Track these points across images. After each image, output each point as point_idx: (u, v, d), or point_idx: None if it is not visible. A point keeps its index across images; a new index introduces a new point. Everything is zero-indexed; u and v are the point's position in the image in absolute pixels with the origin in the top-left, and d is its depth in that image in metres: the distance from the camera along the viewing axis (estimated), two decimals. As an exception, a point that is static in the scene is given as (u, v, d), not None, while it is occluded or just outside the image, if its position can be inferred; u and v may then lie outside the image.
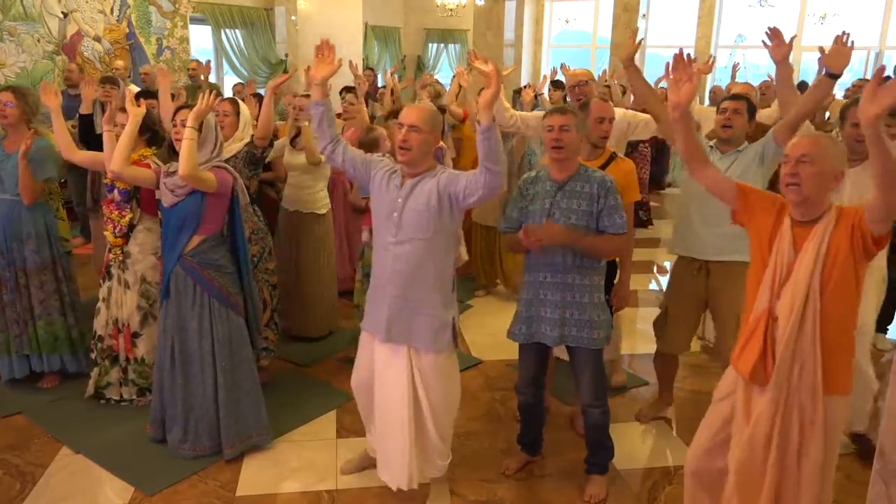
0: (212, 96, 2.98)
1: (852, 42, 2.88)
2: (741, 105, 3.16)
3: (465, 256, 4.22)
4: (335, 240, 4.57)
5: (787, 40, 2.87)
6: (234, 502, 2.88)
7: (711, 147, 3.22)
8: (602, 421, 2.92)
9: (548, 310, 2.75)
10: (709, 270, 3.21)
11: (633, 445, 3.39)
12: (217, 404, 3.07)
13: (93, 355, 3.55)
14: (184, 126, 2.94)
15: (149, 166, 3.24)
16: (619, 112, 3.63)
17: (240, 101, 3.79)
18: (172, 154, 3.17)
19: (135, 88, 6.27)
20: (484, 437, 3.43)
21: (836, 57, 2.87)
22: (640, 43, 2.36)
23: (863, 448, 3.24)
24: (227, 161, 3.48)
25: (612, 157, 3.24)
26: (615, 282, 3.29)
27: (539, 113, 3.89)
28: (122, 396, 3.54)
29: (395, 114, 4.44)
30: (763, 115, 5.28)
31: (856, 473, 3.08)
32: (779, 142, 2.95)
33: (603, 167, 3.11)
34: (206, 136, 3.01)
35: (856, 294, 2.10)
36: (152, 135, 3.42)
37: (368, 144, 3.69)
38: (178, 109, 3.13)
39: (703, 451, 2.37)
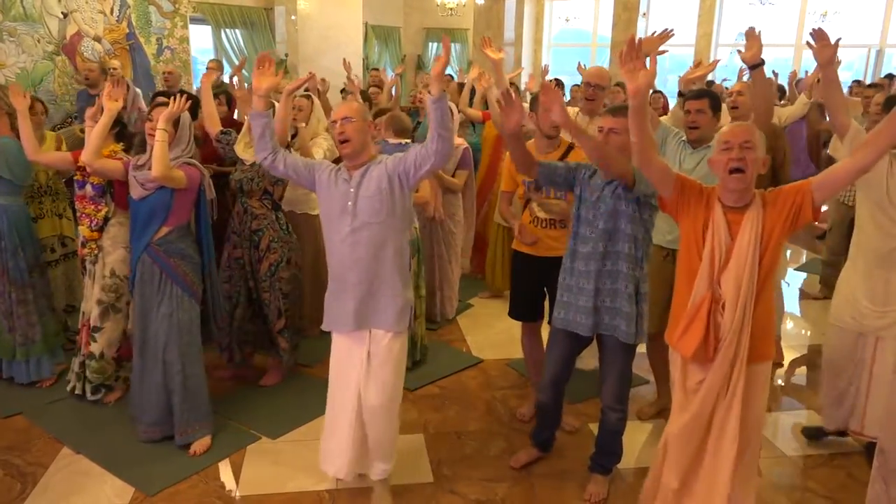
0: (181, 100, 3.06)
1: (759, 32, 3.05)
2: (703, 104, 3.23)
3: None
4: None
5: (832, 41, 2.80)
6: (234, 502, 2.88)
7: (684, 142, 3.32)
8: (618, 427, 2.92)
9: (581, 297, 2.76)
10: (674, 257, 3.27)
11: (634, 444, 3.38)
12: (168, 389, 3.15)
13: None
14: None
15: (118, 158, 3.30)
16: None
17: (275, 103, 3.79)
18: (144, 148, 3.23)
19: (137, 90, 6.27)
20: (484, 436, 3.43)
21: (746, 52, 3.07)
22: (638, 40, 2.35)
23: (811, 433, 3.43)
24: (251, 165, 3.56)
25: (570, 147, 3.25)
26: None
27: None
28: (77, 391, 3.57)
29: (386, 112, 4.43)
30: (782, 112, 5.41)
31: (857, 472, 3.08)
32: None
33: (562, 158, 3.14)
34: (181, 136, 3.12)
35: (777, 267, 2.29)
36: (120, 130, 3.48)
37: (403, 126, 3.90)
38: (152, 107, 3.22)
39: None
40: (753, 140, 2.21)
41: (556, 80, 7.81)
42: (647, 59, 2.27)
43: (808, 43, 2.89)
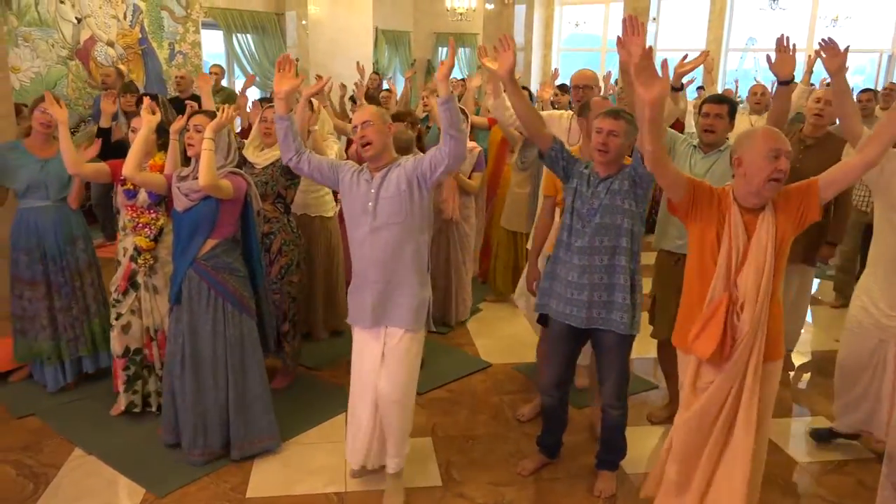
0: (230, 110, 3.05)
1: (794, 46, 2.98)
2: (723, 109, 3.23)
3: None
4: (344, 241, 4.60)
5: (841, 49, 2.80)
6: (243, 504, 2.90)
7: (694, 147, 3.32)
8: (620, 422, 2.97)
9: (574, 291, 2.78)
10: (684, 262, 3.28)
11: (644, 449, 3.38)
12: (227, 407, 3.09)
13: (128, 373, 3.43)
14: (197, 132, 2.99)
15: (161, 172, 3.27)
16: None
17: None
18: (185, 159, 3.20)
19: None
20: (492, 439, 3.44)
21: (780, 65, 2.98)
22: (650, 49, 2.34)
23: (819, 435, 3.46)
24: (264, 169, 3.53)
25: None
26: None
27: (544, 113, 3.90)
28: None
29: (405, 116, 4.45)
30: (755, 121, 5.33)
31: (867, 479, 3.06)
32: None
33: None
34: (219, 144, 3.04)
35: (784, 266, 2.30)
36: (165, 140, 3.42)
37: (405, 144, 3.78)
38: (191, 115, 3.17)
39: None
40: (790, 151, 2.26)
41: (564, 85, 7.80)
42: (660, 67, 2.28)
43: (817, 51, 2.90)
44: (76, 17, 7.98)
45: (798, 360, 4.47)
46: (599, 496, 2.97)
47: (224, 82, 8.01)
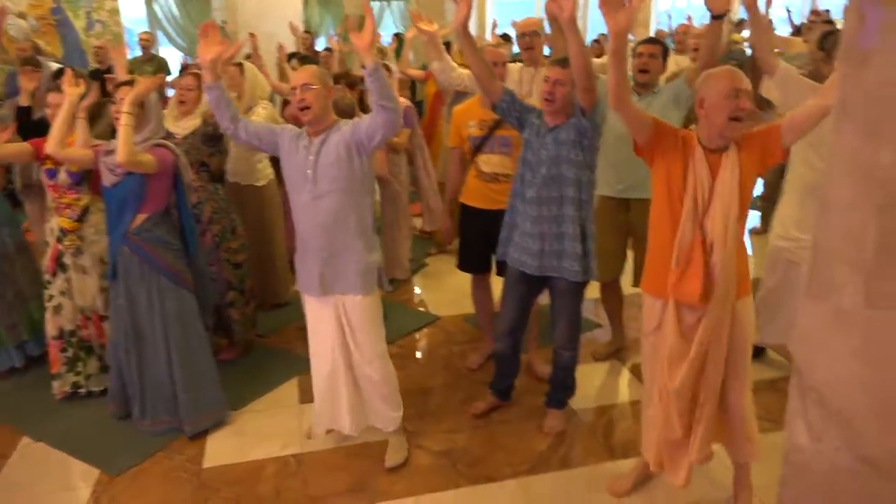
0: (150, 81, 2.94)
1: None
2: (657, 49, 3.28)
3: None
4: (282, 212, 4.52)
5: None
6: (201, 474, 2.91)
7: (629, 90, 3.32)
8: (571, 364, 3.08)
9: (528, 240, 2.84)
10: (629, 207, 3.41)
11: (590, 385, 3.51)
12: (173, 381, 3.07)
13: (67, 355, 3.37)
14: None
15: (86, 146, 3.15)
16: None
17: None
18: (113, 132, 3.10)
19: (53, 66, 5.97)
20: (444, 390, 3.51)
21: None
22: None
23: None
24: (184, 138, 3.44)
25: None
26: None
27: None
28: (104, 386, 3.44)
29: (341, 77, 4.37)
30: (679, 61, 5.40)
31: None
32: (692, 85, 3.05)
33: None
34: (147, 116, 2.96)
35: (749, 206, 2.35)
36: (93, 115, 3.30)
37: (346, 108, 3.70)
38: (117, 86, 3.06)
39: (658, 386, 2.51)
40: (750, 89, 2.24)
41: (506, 34, 7.74)
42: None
43: None
44: (-21, -11, 7.49)
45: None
46: (549, 433, 3.09)
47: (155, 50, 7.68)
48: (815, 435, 1.39)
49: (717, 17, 3.00)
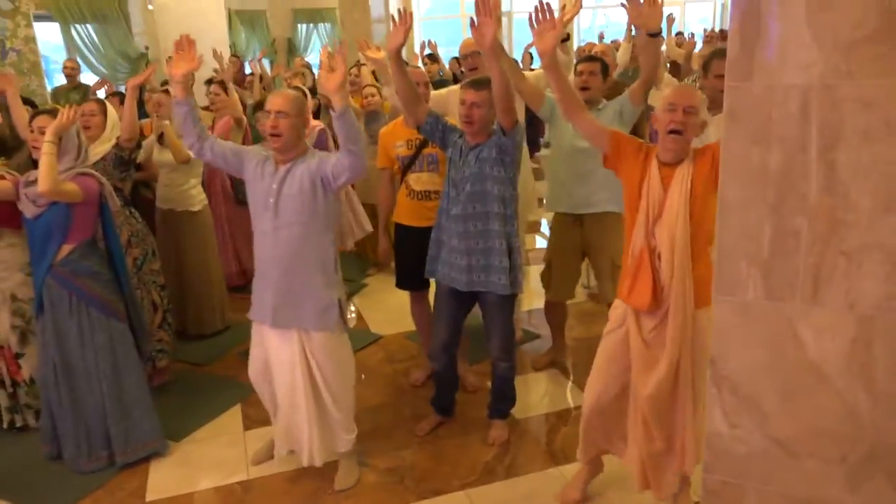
0: (72, 111, 2.90)
1: None
2: (596, 66, 3.38)
3: (368, 227, 4.26)
4: (218, 236, 4.49)
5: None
6: (143, 509, 2.85)
7: None
8: (509, 374, 3.15)
9: (456, 256, 2.91)
10: (583, 222, 3.46)
11: (532, 395, 3.61)
12: (104, 414, 3.01)
13: None
14: (42, 134, 2.83)
15: (3, 178, 3.07)
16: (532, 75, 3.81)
17: (106, 102, 3.65)
18: (32, 162, 3.03)
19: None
20: (390, 408, 3.55)
21: (648, 16, 2.89)
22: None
23: None
24: (95, 164, 3.37)
25: None
26: None
27: (434, 93, 3.92)
28: (17, 423, 3.36)
29: (259, 105, 4.38)
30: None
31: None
32: (634, 102, 3.19)
33: None
34: (67, 146, 2.91)
35: (712, 216, 2.36)
36: (1, 145, 3.22)
37: None
38: (33, 115, 3.01)
39: (602, 384, 2.57)
40: (697, 105, 2.32)
41: (432, 55, 7.89)
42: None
43: (623, 4, 3.03)
44: None
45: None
46: (493, 444, 3.16)
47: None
48: (732, 421, 1.51)
49: (653, 35, 3.00)
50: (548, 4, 2.47)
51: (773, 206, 1.29)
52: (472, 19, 2.58)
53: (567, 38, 3.73)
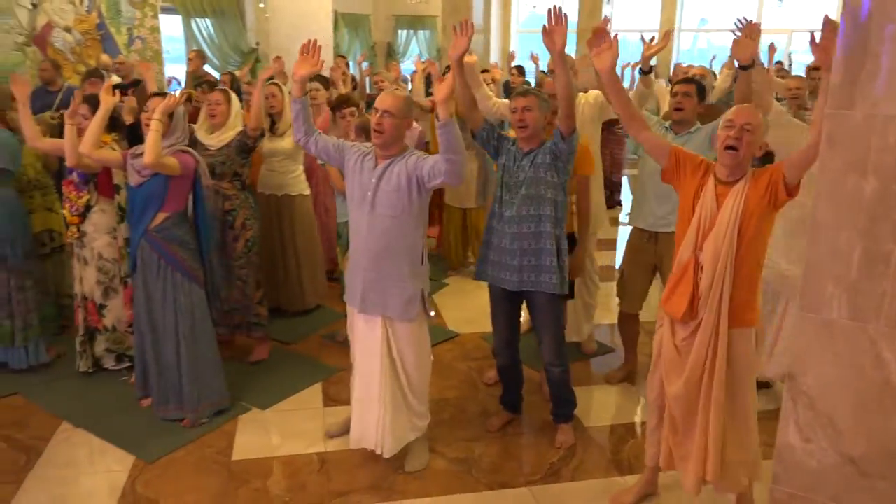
0: (179, 94, 3.27)
1: (753, 26, 3.09)
2: (691, 88, 3.42)
3: None
4: (317, 222, 4.77)
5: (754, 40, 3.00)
6: (230, 466, 3.08)
7: (667, 128, 3.48)
8: (563, 378, 3.23)
9: (507, 257, 3.03)
10: (657, 240, 3.55)
11: (602, 405, 3.66)
12: (181, 372, 3.31)
13: (80, 338, 3.74)
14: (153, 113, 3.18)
15: (114, 149, 3.46)
16: (592, 94, 3.92)
17: (231, 92, 3.97)
18: (139, 138, 3.40)
19: (117, 80, 6.32)
20: (462, 402, 3.68)
21: (740, 49, 3.08)
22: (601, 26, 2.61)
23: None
24: (219, 150, 3.72)
25: None
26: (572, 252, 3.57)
27: (502, 101, 4.11)
28: (83, 368, 3.77)
29: (343, 103, 4.52)
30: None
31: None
32: None
33: None
34: (175, 125, 3.27)
35: (764, 241, 2.45)
36: (112, 122, 3.60)
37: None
38: (151, 96, 3.36)
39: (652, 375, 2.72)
40: (755, 123, 2.37)
41: (518, 67, 8.02)
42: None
43: (734, 36, 3.10)
44: (32, 3, 7.89)
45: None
46: (560, 447, 3.24)
47: (183, 67, 8.00)
48: (805, 436, 1.56)
49: (744, 68, 3.08)
50: (560, 9, 2.65)
51: (865, 231, 1.35)
52: (543, 26, 2.72)
53: (650, 70, 3.79)
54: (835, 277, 1.40)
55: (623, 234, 6.88)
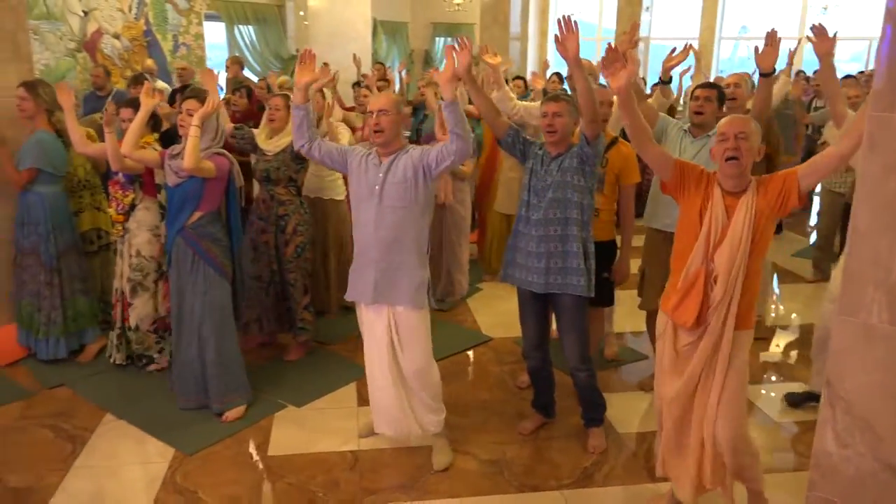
0: (216, 99, 3.38)
1: (779, 40, 3.16)
2: (712, 93, 3.47)
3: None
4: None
5: (830, 36, 3.04)
6: (267, 461, 3.15)
7: (685, 131, 3.53)
8: (589, 382, 3.24)
9: (533, 259, 3.05)
10: (672, 240, 3.52)
11: (634, 412, 3.65)
12: (203, 363, 3.42)
13: (115, 331, 3.91)
14: (189, 115, 3.29)
15: (154, 150, 3.58)
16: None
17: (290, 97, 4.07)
18: (177, 137, 3.51)
19: (162, 85, 6.55)
20: (495, 405, 3.70)
21: (763, 57, 3.17)
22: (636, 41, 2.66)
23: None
24: (276, 155, 3.83)
25: (615, 141, 3.50)
26: (616, 259, 3.59)
27: (525, 104, 4.16)
28: (119, 361, 3.89)
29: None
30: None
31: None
32: None
33: (605, 150, 3.39)
34: (209, 128, 3.38)
35: (768, 244, 2.49)
36: (155, 122, 3.76)
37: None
38: (184, 99, 3.47)
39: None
40: (748, 131, 2.40)
41: (556, 74, 8.02)
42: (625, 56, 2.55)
43: (808, 37, 3.12)
44: (83, 11, 8.18)
45: (785, 337, 4.73)
46: (593, 452, 3.24)
47: (224, 73, 8.17)
48: (843, 441, 1.55)
49: (765, 76, 3.20)
50: (570, 17, 2.69)
51: (906, 235, 1.35)
52: (556, 36, 2.76)
53: (670, 80, 3.87)
54: (875, 282, 1.39)
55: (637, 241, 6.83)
